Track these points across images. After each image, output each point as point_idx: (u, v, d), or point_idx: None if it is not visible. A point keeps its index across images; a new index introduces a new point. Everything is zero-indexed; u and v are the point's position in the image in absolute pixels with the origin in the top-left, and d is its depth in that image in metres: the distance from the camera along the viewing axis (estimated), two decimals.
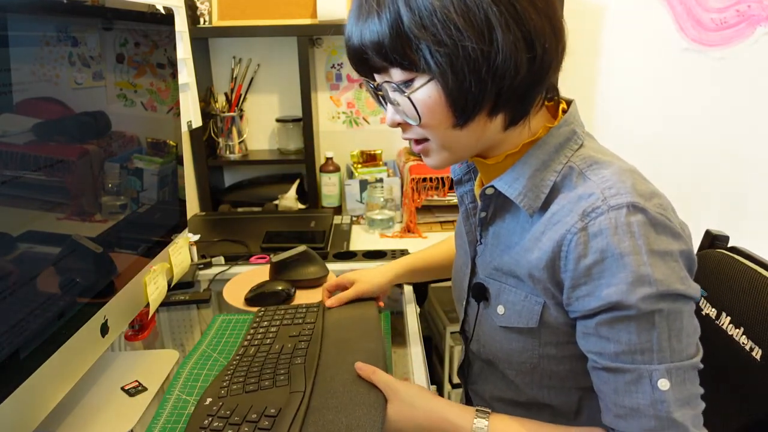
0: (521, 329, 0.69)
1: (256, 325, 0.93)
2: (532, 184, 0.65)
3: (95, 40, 0.71)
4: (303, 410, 0.68)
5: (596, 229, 0.58)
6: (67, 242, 0.67)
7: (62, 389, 0.66)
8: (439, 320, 1.70)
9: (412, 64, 0.58)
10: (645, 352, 0.58)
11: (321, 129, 1.88)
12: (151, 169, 0.89)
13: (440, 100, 0.60)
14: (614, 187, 0.60)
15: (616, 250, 0.57)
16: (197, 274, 1.24)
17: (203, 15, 1.63)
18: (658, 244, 0.58)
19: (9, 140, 0.55)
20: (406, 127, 0.67)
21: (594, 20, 1.80)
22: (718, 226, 0.95)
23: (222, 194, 1.83)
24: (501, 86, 0.59)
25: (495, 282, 0.72)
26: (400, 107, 0.63)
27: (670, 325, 0.58)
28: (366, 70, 0.65)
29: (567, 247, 0.61)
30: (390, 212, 1.61)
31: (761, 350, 0.75)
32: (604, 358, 0.60)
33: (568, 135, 0.66)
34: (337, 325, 0.91)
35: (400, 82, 0.61)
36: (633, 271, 0.57)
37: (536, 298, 0.67)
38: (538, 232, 0.65)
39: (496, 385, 0.80)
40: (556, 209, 0.63)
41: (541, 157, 0.66)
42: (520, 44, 0.57)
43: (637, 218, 0.58)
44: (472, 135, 0.63)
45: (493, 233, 0.73)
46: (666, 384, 0.57)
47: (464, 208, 0.79)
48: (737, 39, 1.81)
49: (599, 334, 0.60)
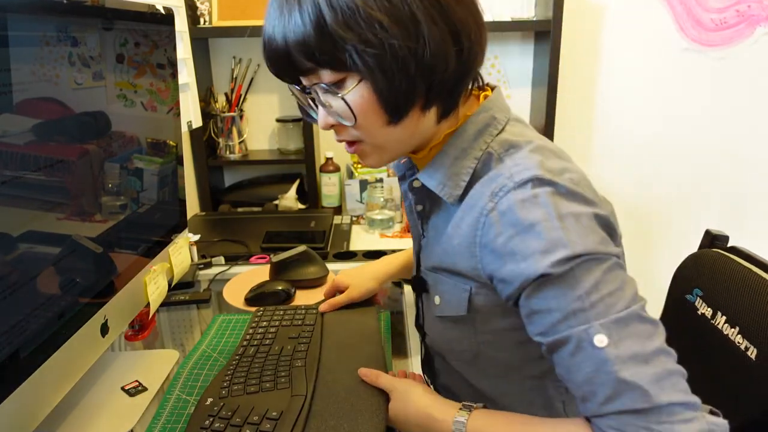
0: (455, 318, 0.69)
1: (255, 325, 0.93)
2: (451, 173, 0.65)
3: (95, 40, 0.71)
4: (305, 414, 0.68)
5: (505, 207, 0.58)
6: (67, 242, 0.67)
7: (62, 389, 0.66)
8: None
9: (340, 64, 0.57)
10: (577, 313, 0.55)
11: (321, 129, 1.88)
12: (151, 169, 0.90)
13: (372, 99, 0.59)
14: (521, 164, 0.60)
15: (526, 221, 0.56)
16: (197, 274, 1.24)
17: (203, 15, 1.63)
18: (567, 208, 0.57)
19: (9, 140, 0.55)
20: (340, 129, 0.66)
21: (594, 20, 1.80)
22: (718, 226, 0.96)
23: (222, 194, 1.83)
24: (431, 81, 0.59)
25: (432, 273, 0.72)
26: (333, 109, 0.62)
27: (598, 280, 0.55)
28: (291, 73, 0.63)
29: (480, 230, 0.61)
30: (390, 212, 1.61)
31: (756, 349, 0.75)
32: (547, 336, 0.57)
33: (486, 121, 0.66)
34: (336, 328, 0.91)
35: (331, 83, 0.60)
36: (545, 237, 0.55)
37: (462, 285, 0.67)
38: (458, 219, 0.65)
39: (453, 379, 0.79)
40: (473, 194, 0.64)
41: (459, 146, 0.66)
42: (447, 38, 0.57)
43: (544, 189, 0.57)
44: (406, 131, 0.63)
45: (432, 226, 0.73)
46: (603, 340, 0.53)
47: (408, 203, 0.78)
48: (737, 39, 1.81)
49: (532, 309, 0.58)
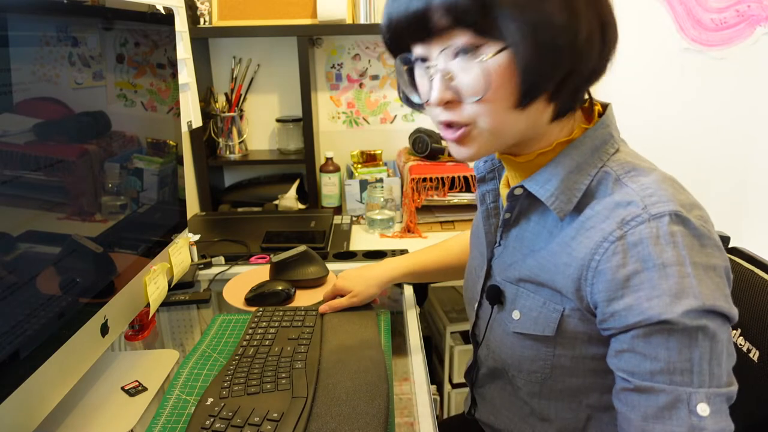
0: (536, 336, 0.65)
1: (255, 325, 0.93)
2: (564, 187, 0.61)
3: (95, 40, 0.71)
4: (306, 416, 0.68)
5: (636, 238, 0.55)
6: (67, 242, 0.67)
7: (62, 389, 0.66)
8: (439, 320, 1.70)
9: (486, 27, 0.53)
10: (684, 373, 0.53)
11: (321, 129, 1.88)
12: (151, 169, 0.89)
13: (511, 73, 0.54)
14: (655, 195, 0.56)
15: (658, 260, 0.53)
16: (197, 274, 1.24)
17: (203, 15, 1.63)
18: (702, 257, 0.54)
19: (9, 140, 0.55)
20: (454, 106, 0.59)
21: None
22: (718, 226, 0.94)
23: (222, 194, 1.83)
24: (573, 68, 0.55)
25: (512, 286, 0.68)
26: (456, 81, 0.57)
27: (712, 346, 0.53)
28: (416, 34, 0.57)
29: (601, 256, 0.57)
30: (390, 212, 1.61)
31: (758, 352, 0.75)
32: (637, 377, 0.55)
33: (604, 138, 0.63)
34: (336, 331, 0.91)
35: (466, 47, 0.54)
36: (677, 282, 0.52)
37: (555, 305, 0.63)
38: (568, 237, 0.61)
39: (501, 392, 0.76)
40: (591, 214, 0.60)
41: (576, 159, 0.62)
42: (597, 28, 0.55)
43: (680, 228, 0.54)
44: (524, 122, 0.59)
45: (516, 236, 0.69)
46: (706, 410, 0.52)
47: (484, 208, 0.74)
48: (737, 39, 1.81)
49: (635, 350, 0.55)
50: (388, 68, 1.84)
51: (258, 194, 1.82)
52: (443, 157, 1.64)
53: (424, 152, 1.63)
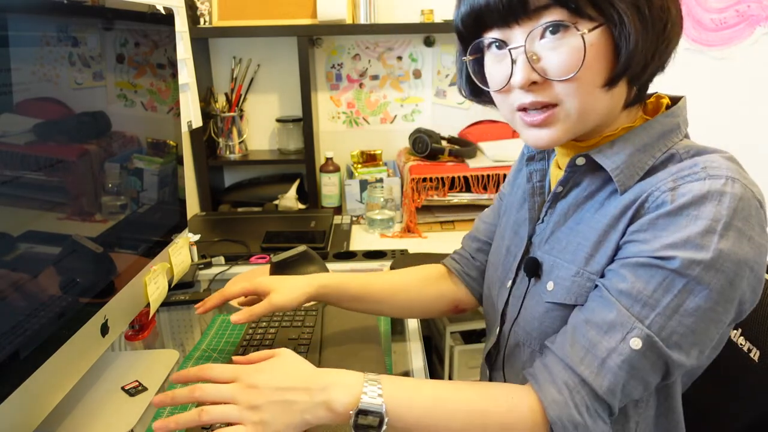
0: (567, 306, 0.64)
1: (255, 326, 0.93)
2: (630, 162, 0.61)
3: (95, 40, 0.71)
4: None
5: (686, 189, 0.55)
6: (67, 242, 0.67)
7: (62, 389, 0.66)
8: (439, 320, 1.70)
9: (582, 5, 0.54)
10: (645, 307, 0.54)
11: (321, 129, 1.88)
12: (151, 169, 0.90)
13: (607, 50, 0.56)
14: (719, 166, 0.56)
15: (695, 210, 0.53)
16: (197, 274, 1.24)
17: (203, 15, 1.63)
18: (743, 224, 0.53)
19: (9, 140, 0.55)
20: (541, 88, 0.58)
21: None
22: None
23: (222, 194, 1.83)
24: (661, 50, 0.58)
25: (549, 257, 0.68)
26: (541, 62, 0.57)
27: (688, 303, 0.53)
28: (508, 16, 0.57)
29: (645, 200, 0.58)
30: (390, 212, 1.61)
31: (759, 351, 0.75)
32: (607, 290, 0.57)
33: (672, 126, 0.64)
34: (336, 332, 0.91)
35: (557, 25, 0.55)
36: (699, 233, 0.53)
37: (590, 274, 0.62)
38: (623, 206, 0.61)
39: (523, 370, 0.72)
40: (643, 185, 0.60)
41: (644, 139, 0.62)
42: (678, 14, 0.58)
43: (734, 190, 0.54)
44: (608, 102, 0.60)
45: (560, 210, 0.69)
46: (638, 344, 0.53)
47: (531, 185, 0.75)
48: (737, 39, 1.81)
49: (619, 271, 0.57)
50: (388, 68, 1.84)
51: (258, 194, 1.82)
52: (443, 157, 1.64)
53: (424, 152, 1.63)
